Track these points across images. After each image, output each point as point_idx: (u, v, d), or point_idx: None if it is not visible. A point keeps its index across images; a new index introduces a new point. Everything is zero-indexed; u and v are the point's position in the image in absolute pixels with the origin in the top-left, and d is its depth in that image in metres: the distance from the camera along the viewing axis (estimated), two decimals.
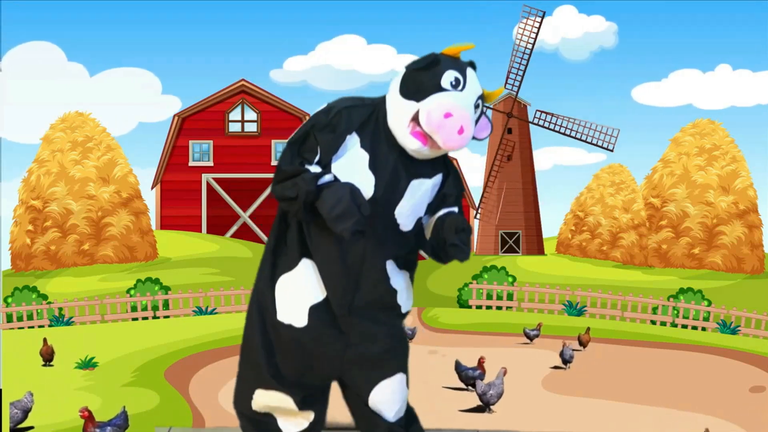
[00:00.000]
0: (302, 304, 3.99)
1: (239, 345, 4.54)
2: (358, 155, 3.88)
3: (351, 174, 3.85)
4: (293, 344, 4.02)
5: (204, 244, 34.04)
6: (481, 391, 11.81)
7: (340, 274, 3.92)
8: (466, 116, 3.73)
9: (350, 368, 4.02)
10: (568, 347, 15.32)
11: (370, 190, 3.86)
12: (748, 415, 12.36)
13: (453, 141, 3.74)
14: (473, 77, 3.89)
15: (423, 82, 3.80)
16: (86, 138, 32.89)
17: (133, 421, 10.09)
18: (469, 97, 3.82)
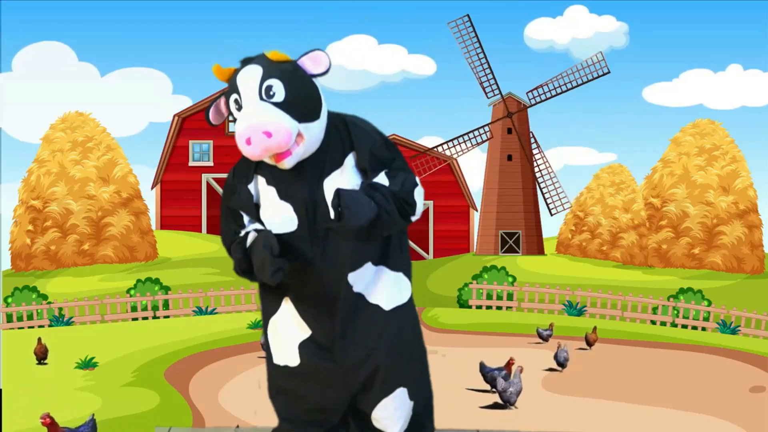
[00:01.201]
0: (292, 343, 3.95)
1: (239, 345, 4.53)
2: (268, 194, 3.88)
3: (271, 212, 3.86)
4: (293, 384, 4.00)
5: (204, 244, 34.03)
6: (501, 389, 11.97)
7: (311, 303, 3.89)
8: (254, 125, 3.67)
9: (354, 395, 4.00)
10: (563, 349, 15.21)
11: (293, 216, 3.83)
12: (748, 415, 12.36)
13: (276, 145, 3.68)
14: (244, 76, 3.79)
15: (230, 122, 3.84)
16: (86, 138, 32.89)
17: (133, 421, 10.10)
18: (249, 100, 3.74)
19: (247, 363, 15.52)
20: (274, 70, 3.80)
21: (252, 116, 3.71)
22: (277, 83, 3.78)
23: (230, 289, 24.25)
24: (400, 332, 4.01)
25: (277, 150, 3.72)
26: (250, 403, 12.61)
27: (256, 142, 3.68)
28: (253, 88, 3.77)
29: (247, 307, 23.58)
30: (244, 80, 3.78)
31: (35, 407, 10.81)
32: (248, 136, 3.68)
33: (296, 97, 3.79)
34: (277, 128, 3.70)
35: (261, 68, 3.80)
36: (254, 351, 16.23)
